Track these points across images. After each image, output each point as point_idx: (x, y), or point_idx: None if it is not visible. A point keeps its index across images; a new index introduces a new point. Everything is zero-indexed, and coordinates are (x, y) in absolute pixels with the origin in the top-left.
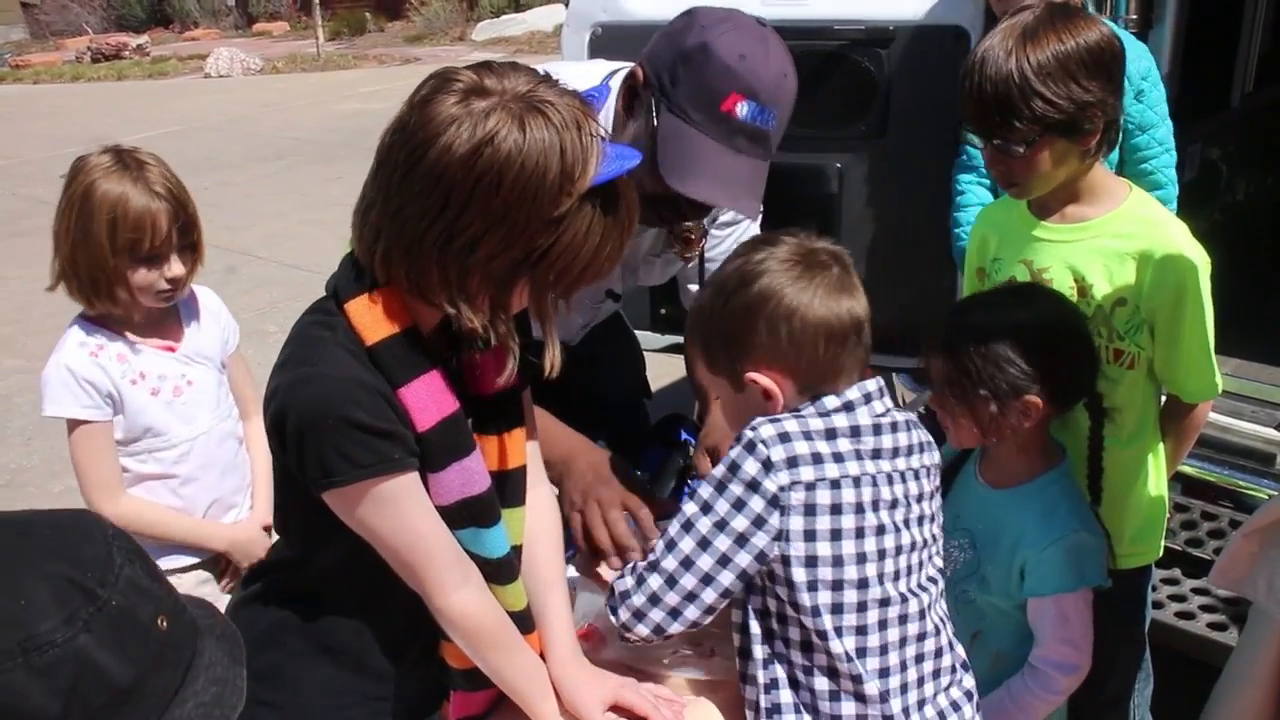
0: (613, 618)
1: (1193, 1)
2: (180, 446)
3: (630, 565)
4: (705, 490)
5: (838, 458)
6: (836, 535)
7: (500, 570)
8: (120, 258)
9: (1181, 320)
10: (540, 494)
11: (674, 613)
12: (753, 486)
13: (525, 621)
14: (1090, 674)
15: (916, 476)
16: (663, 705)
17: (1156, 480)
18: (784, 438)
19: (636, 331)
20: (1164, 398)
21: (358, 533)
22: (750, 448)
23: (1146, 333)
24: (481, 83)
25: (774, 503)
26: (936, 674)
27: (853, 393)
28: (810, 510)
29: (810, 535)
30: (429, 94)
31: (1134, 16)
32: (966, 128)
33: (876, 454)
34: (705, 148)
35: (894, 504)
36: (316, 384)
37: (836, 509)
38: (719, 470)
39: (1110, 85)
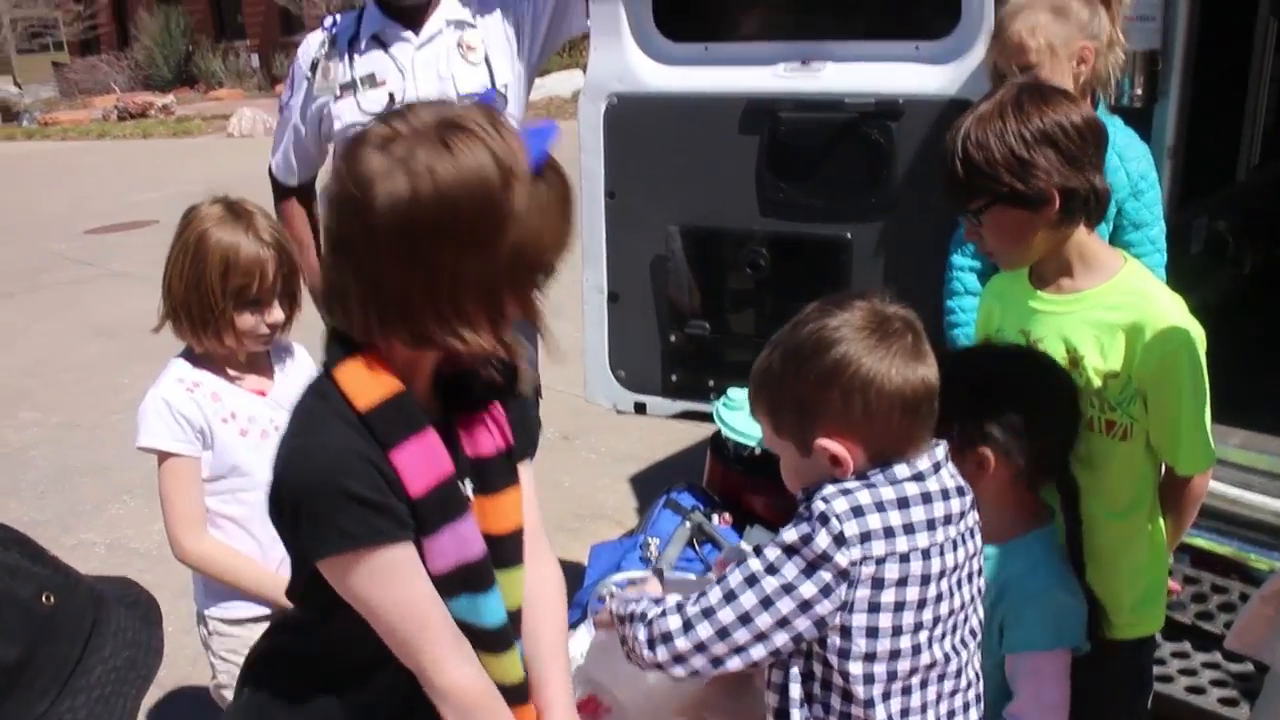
0: (646, 652)
1: (1197, 76)
2: (264, 489)
3: (675, 604)
4: (772, 552)
5: (909, 529)
6: (900, 607)
7: (497, 640)
8: (229, 301)
9: (1173, 391)
10: (545, 568)
11: (717, 661)
12: (824, 558)
13: (519, 694)
14: None
15: (973, 535)
16: None
17: (1153, 551)
18: (857, 512)
19: (647, 398)
20: (1163, 469)
21: (354, 606)
22: (823, 520)
23: (1140, 404)
24: (392, 128)
25: (843, 576)
26: None
27: (923, 462)
28: (878, 584)
29: (875, 607)
30: (348, 161)
31: (1139, 91)
32: None
33: (947, 520)
34: None
35: (953, 570)
36: (311, 455)
37: (903, 582)
38: (789, 535)
39: (1062, 157)
